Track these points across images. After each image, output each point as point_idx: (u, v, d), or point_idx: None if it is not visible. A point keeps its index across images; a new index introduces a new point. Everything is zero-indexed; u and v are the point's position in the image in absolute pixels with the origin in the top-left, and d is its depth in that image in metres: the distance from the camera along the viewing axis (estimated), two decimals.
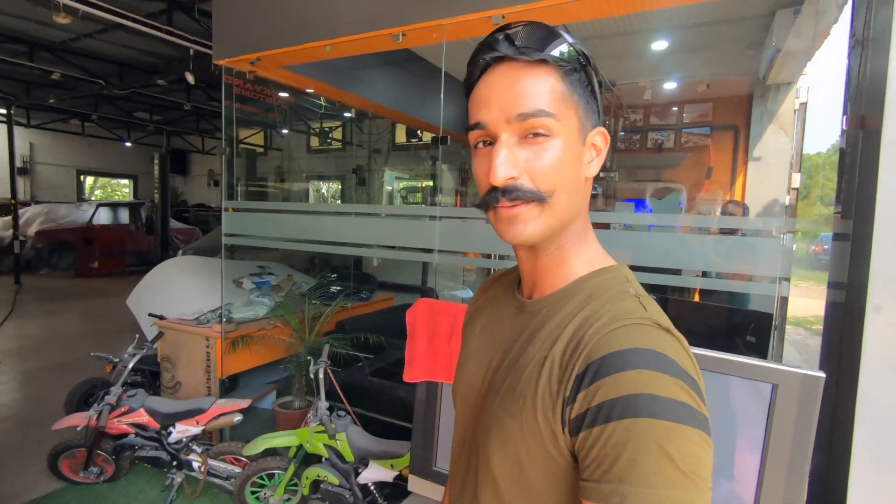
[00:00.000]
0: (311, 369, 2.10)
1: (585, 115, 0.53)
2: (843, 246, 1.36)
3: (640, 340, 0.47)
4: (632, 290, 0.54)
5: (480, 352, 0.64)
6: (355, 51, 2.24)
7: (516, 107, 0.50)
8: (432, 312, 1.49)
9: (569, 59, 0.52)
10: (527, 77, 0.51)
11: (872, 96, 1.22)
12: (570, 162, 0.52)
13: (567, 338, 0.51)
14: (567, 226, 0.55)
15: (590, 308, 0.52)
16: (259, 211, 3.06)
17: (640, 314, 0.50)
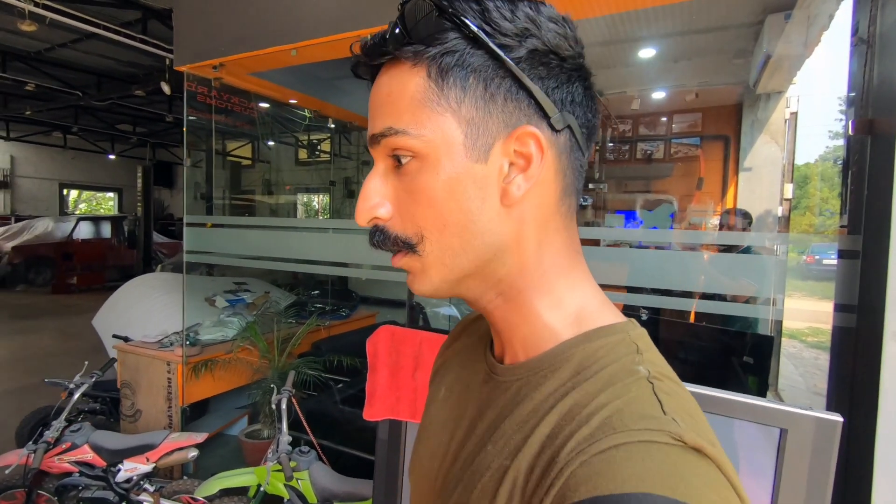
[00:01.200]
0: (273, 399, 1.92)
1: (485, 116, 0.37)
2: (851, 264, 1.22)
3: (650, 478, 0.28)
4: (642, 369, 0.36)
5: (441, 427, 0.48)
6: (323, 55, 2.11)
7: (370, 127, 0.39)
8: (394, 341, 1.33)
9: (429, 38, 0.36)
10: (385, 82, 0.38)
11: (883, 98, 1.09)
12: (449, 190, 0.37)
13: (539, 444, 0.35)
14: (493, 273, 0.40)
15: (577, 394, 0.35)
16: (227, 226, 2.90)
17: (654, 418, 0.32)
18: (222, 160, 7.84)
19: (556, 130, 0.38)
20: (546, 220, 0.40)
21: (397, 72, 0.38)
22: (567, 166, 0.40)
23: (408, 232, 0.39)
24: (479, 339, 0.51)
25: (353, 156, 7.45)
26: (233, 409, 3.14)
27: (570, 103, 0.39)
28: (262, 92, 3.14)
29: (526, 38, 0.36)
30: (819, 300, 3.95)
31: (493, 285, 0.41)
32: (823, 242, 2.32)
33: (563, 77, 0.38)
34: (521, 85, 0.37)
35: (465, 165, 0.37)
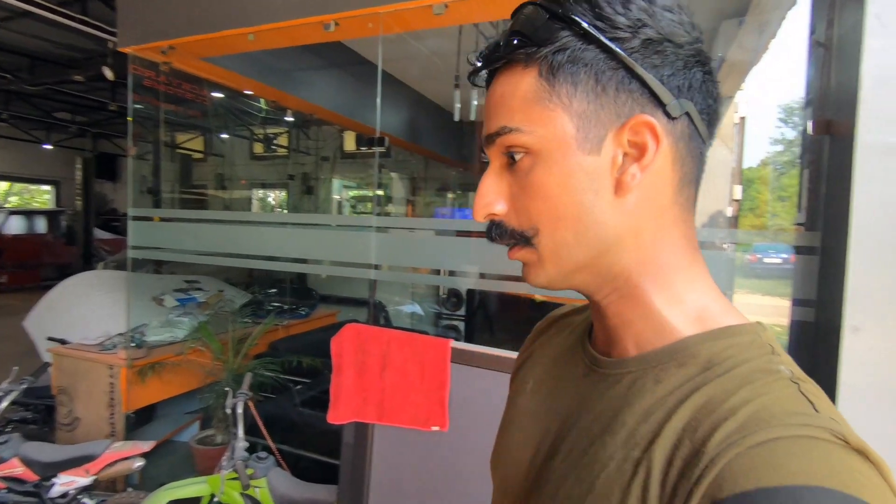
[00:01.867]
0: (229, 403, 1.81)
1: (596, 108, 0.37)
2: (809, 260, 1.26)
3: (821, 471, 0.27)
4: (784, 369, 0.34)
5: (531, 419, 0.47)
6: (283, 41, 2.00)
7: (486, 128, 0.40)
8: (361, 341, 1.27)
9: (541, 39, 0.37)
10: (499, 86, 0.40)
11: (841, 100, 1.13)
12: (562, 184, 0.38)
13: (675, 434, 0.33)
14: (609, 268, 0.39)
15: (710, 390, 0.34)
16: (177, 220, 2.73)
17: (808, 415, 0.30)
18: (172, 153, 7.47)
19: (673, 118, 0.37)
20: (663, 211, 0.39)
21: (510, 74, 0.39)
22: (686, 154, 0.39)
23: (523, 226, 0.39)
24: (572, 333, 0.50)
25: (311, 150, 7.25)
26: (183, 414, 2.97)
27: (688, 89, 0.38)
28: (215, 79, 2.97)
29: (639, 28, 0.36)
30: (763, 296, 4.15)
31: (610, 280, 0.40)
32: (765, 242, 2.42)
33: (680, 63, 0.37)
34: (633, 75, 0.36)
35: (578, 158, 0.37)
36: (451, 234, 2.06)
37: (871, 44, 1.01)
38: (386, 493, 1.24)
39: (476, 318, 4.81)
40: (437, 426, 1.18)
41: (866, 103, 1.01)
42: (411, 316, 4.45)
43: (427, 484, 1.22)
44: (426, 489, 1.23)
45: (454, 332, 4.31)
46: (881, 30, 1.01)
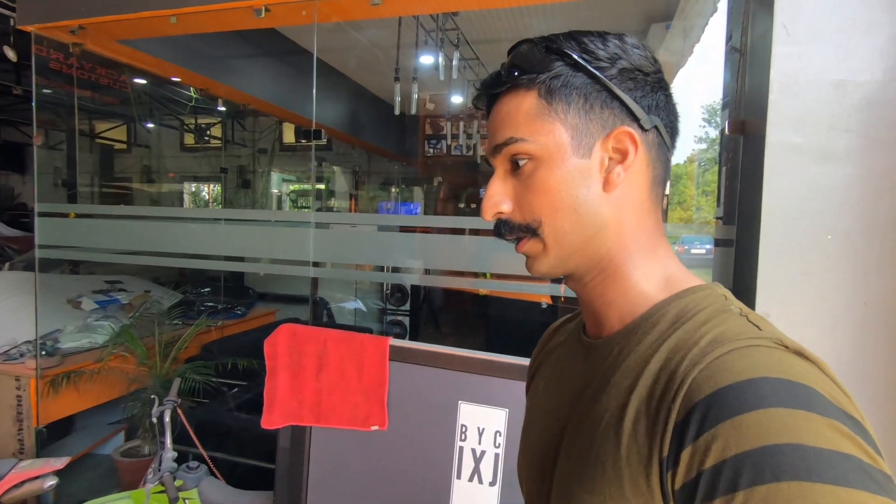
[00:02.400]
0: (155, 411, 1.69)
1: (586, 122, 0.46)
2: (726, 252, 1.35)
3: (763, 366, 0.35)
4: (734, 308, 0.43)
5: (544, 414, 0.55)
6: (209, 26, 1.89)
7: (492, 139, 0.49)
8: (296, 341, 1.22)
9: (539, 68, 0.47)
10: (503, 106, 0.49)
11: (753, 100, 1.21)
12: (560, 182, 0.46)
13: (653, 375, 0.41)
14: (597, 249, 0.48)
15: (679, 335, 0.42)
16: (96, 217, 2.52)
17: (754, 333, 0.39)
18: (91, 143, 6.88)
19: (645, 130, 0.47)
20: (640, 203, 0.48)
21: (513, 96, 0.48)
22: (656, 159, 0.48)
23: (527, 219, 0.47)
24: (570, 335, 0.58)
25: (248, 142, 6.93)
26: (105, 426, 2.76)
27: (655, 108, 0.47)
28: (137, 65, 2.76)
29: (616, 60, 0.46)
30: None
31: (597, 262, 0.48)
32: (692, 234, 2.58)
33: (648, 87, 0.47)
34: (614, 95, 0.46)
35: (573, 161, 0.46)
36: (395, 230, 2.03)
37: (779, 50, 1.09)
38: (324, 496, 1.21)
39: (421, 313, 4.81)
40: (377, 425, 1.17)
41: (774, 105, 1.09)
42: (354, 312, 4.37)
43: (367, 484, 1.20)
44: (366, 489, 1.21)
45: (398, 327, 4.29)
46: (787, 38, 1.09)
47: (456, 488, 1.09)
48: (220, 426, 2.19)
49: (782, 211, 1.09)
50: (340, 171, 7.17)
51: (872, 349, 1.05)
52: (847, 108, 1.05)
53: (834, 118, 1.06)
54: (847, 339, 1.06)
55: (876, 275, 1.04)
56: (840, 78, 1.06)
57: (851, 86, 1.06)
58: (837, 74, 1.06)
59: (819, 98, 1.07)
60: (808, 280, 1.07)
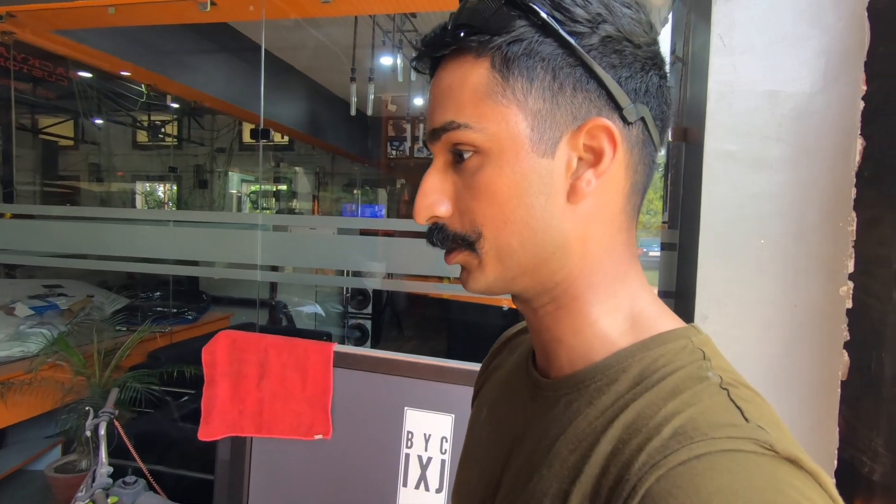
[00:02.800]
0: (89, 424, 1.60)
1: (552, 108, 0.35)
2: (670, 255, 1.38)
3: (741, 493, 0.25)
4: (713, 375, 0.32)
5: (485, 450, 0.45)
6: (151, 18, 1.80)
7: (429, 121, 0.37)
8: (236, 349, 1.18)
9: (494, 27, 0.34)
10: (445, 75, 0.37)
11: (694, 109, 1.25)
12: (512, 186, 0.35)
13: (601, 462, 0.31)
14: (551, 274, 0.37)
15: (639, 406, 0.32)
16: (35, 218, 2.37)
17: (735, 426, 0.28)
18: (34, 139, 6.50)
19: (629, 123, 0.36)
20: (612, 218, 0.38)
21: (459, 64, 0.36)
22: (638, 162, 0.38)
23: (466, 229, 0.37)
24: (521, 354, 0.48)
25: (205, 141, 6.71)
26: (41, 440, 2.59)
27: (644, 94, 0.36)
28: (79, 57, 2.62)
29: (599, 24, 0.34)
30: None
31: (549, 289, 0.38)
32: (648, 237, 2.67)
33: (637, 66, 0.36)
34: (591, 74, 0.34)
35: (531, 160, 0.35)
36: (355, 233, 1.99)
37: (716, 61, 1.13)
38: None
39: (384, 316, 4.76)
40: (321, 434, 1.13)
41: (712, 114, 1.12)
42: (315, 317, 4.28)
43: (311, 494, 1.16)
44: (310, 500, 1.17)
45: (359, 331, 4.23)
46: (723, 49, 1.13)
47: (402, 496, 1.07)
48: (164, 437, 2.09)
49: (719, 216, 1.12)
50: (303, 172, 7.04)
51: (801, 349, 1.09)
52: (778, 118, 1.10)
53: (766, 127, 1.10)
54: (779, 339, 1.10)
55: (804, 278, 1.09)
56: (772, 89, 1.11)
57: (782, 96, 1.10)
58: (769, 85, 1.11)
59: (752, 108, 1.11)
60: (743, 283, 1.11)
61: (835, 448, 1.06)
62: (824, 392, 1.07)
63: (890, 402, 0.92)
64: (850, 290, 1.05)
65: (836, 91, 1.06)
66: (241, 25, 2.92)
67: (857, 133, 1.04)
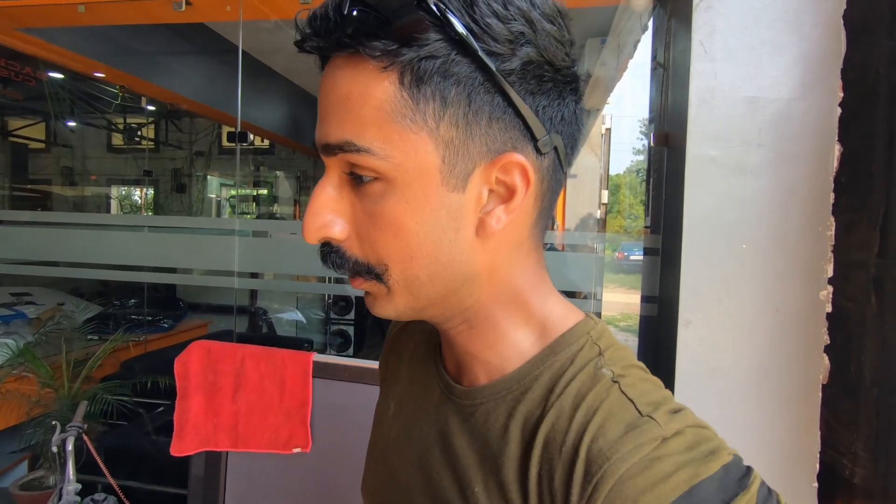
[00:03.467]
0: (55, 439, 1.53)
1: (466, 137, 0.32)
2: (653, 260, 1.38)
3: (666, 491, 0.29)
4: (606, 371, 0.35)
5: (395, 451, 0.46)
6: (123, 17, 1.75)
7: (321, 132, 0.33)
8: (211, 360, 1.14)
9: (404, 36, 0.29)
10: (341, 79, 0.32)
11: (675, 114, 1.25)
12: (419, 222, 0.33)
13: (535, 489, 0.33)
14: (460, 301, 0.37)
15: (552, 418, 0.34)
16: (4, 223, 2.28)
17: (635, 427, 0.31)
18: (0, 141, 6.29)
19: (542, 153, 0.34)
20: (519, 244, 0.37)
21: (359, 69, 0.31)
22: (547, 190, 0.37)
23: (369, 259, 0.35)
24: (426, 343, 0.48)
25: (184, 144, 6.58)
26: (5, 455, 2.48)
27: (560, 121, 0.35)
28: (49, 57, 2.53)
29: (520, 45, 0.31)
30: (627, 291, 4.59)
31: (460, 312, 0.38)
32: (630, 241, 2.68)
33: (555, 93, 0.34)
34: (509, 102, 0.31)
35: (440, 195, 0.32)
36: None
37: (697, 67, 1.13)
38: None
39: (367, 322, 4.70)
40: (300, 447, 1.10)
41: (693, 119, 1.13)
42: (295, 324, 4.21)
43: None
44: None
45: (341, 337, 4.17)
46: (704, 55, 1.14)
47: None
48: (136, 451, 2.02)
49: (702, 221, 1.12)
50: (284, 176, 6.95)
51: (783, 353, 1.10)
52: (759, 124, 1.11)
53: (747, 133, 1.11)
54: (762, 343, 1.10)
55: (786, 283, 1.09)
56: (752, 95, 1.12)
57: (763, 102, 1.11)
58: (750, 91, 1.12)
59: (733, 113, 1.12)
60: (726, 288, 1.11)
61: (817, 451, 1.07)
62: (805, 395, 1.08)
63: (869, 405, 0.92)
64: (829, 294, 1.06)
65: (814, 97, 1.07)
66: (217, 26, 2.87)
67: (835, 139, 1.05)
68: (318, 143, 0.34)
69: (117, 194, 7.20)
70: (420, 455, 0.42)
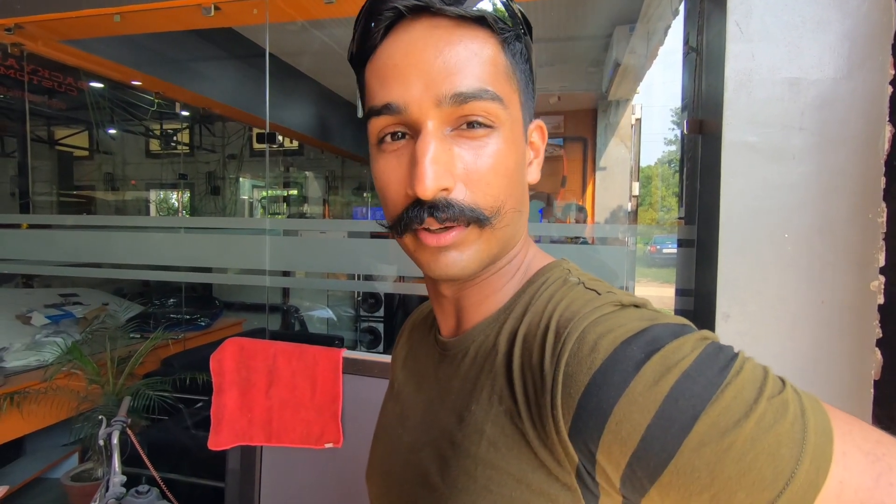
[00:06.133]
0: (102, 433, 1.59)
1: (527, 102, 0.41)
2: (688, 252, 1.34)
3: (616, 328, 0.34)
4: (572, 278, 0.42)
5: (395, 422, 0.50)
6: (155, 25, 1.80)
7: (451, 83, 0.35)
8: (244, 357, 1.16)
9: (512, 20, 0.38)
10: (462, 41, 0.35)
11: (710, 100, 1.20)
12: (517, 165, 0.39)
13: (519, 371, 0.37)
14: (509, 248, 0.43)
15: (529, 317, 0.40)
16: (50, 227, 2.39)
17: (594, 301, 0.37)
18: (50, 150, 6.61)
19: None
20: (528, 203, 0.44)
21: (474, 34, 0.36)
22: None
23: (484, 204, 0.37)
24: (426, 330, 0.52)
25: (217, 148, 6.76)
26: (58, 448, 2.61)
27: None
28: (88, 67, 2.64)
29: (530, 30, 0.40)
30: (661, 284, 4.48)
31: (498, 261, 0.43)
32: (663, 234, 2.61)
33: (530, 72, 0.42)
34: (533, 84, 0.42)
35: (521, 142, 0.40)
36: (365, 236, 1.97)
37: (733, 49, 1.08)
38: None
39: (396, 319, 4.74)
40: (331, 442, 1.11)
41: (730, 104, 1.08)
42: (327, 322, 4.28)
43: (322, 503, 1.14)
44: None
45: (371, 334, 4.21)
46: (741, 36, 1.08)
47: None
48: (177, 445, 2.09)
49: (739, 210, 1.07)
50: (313, 177, 7.07)
51: (830, 348, 1.04)
52: (800, 107, 1.05)
53: (788, 116, 1.05)
54: (806, 337, 1.05)
55: (832, 273, 1.03)
56: (793, 76, 1.06)
57: (804, 84, 1.05)
58: (790, 72, 1.06)
59: (773, 96, 1.06)
60: (766, 279, 1.06)
61: None
62: (856, 392, 1.02)
63: None
64: (881, 284, 1.00)
65: (861, 76, 1.01)
66: (245, 30, 2.93)
67: (886, 120, 0.99)
68: (445, 93, 0.35)
69: (155, 198, 7.47)
70: (422, 413, 0.46)
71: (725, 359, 0.31)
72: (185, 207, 7.29)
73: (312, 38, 3.07)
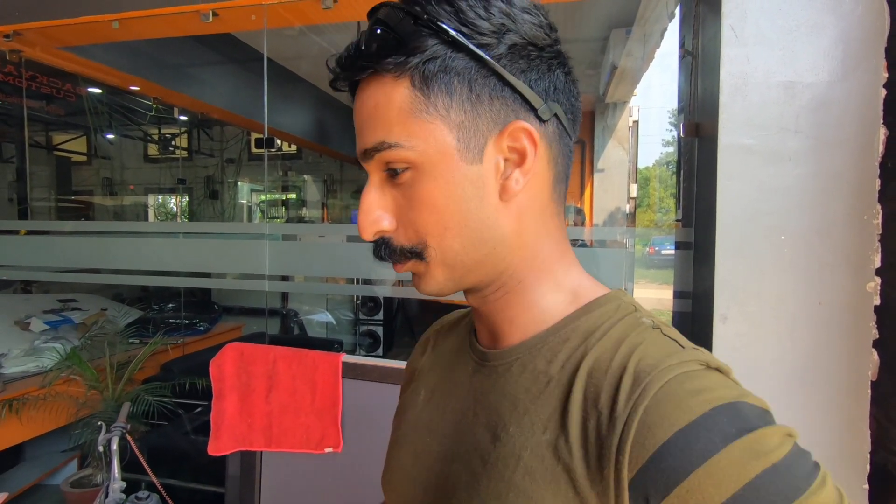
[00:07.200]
0: (101, 439, 1.59)
1: (474, 118, 0.38)
2: (685, 254, 1.34)
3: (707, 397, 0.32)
4: (647, 320, 0.40)
5: (425, 430, 0.48)
6: (154, 31, 1.81)
7: (361, 142, 0.40)
8: (244, 362, 1.16)
9: (408, 48, 0.36)
10: (372, 96, 0.39)
11: (706, 103, 1.21)
12: (447, 195, 0.38)
13: (580, 409, 0.36)
14: (494, 266, 0.41)
15: (596, 354, 0.38)
16: (49, 234, 2.39)
17: (678, 352, 0.35)
18: (48, 155, 6.60)
19: (544, 121, 0.40)
20: (543, 208, 0.42)
21: (380, 84, 0.38)
22: (558, 154, 0.42)
23: (412, 241, 0.40)
24: (458, 336, 0.51)
25: (215, 152, 6.77)
26: (57, 454, 2.60)
27: (554, 91, 0.40)
28: (86, 73, 2.64)
29: (504, 33, 0.37)
30: (659, 286, 4.49)
31: (496, 278, 0.42)
32: (661, 235, 2.62)
33: (544, 67, 0.39)
34: (504, 81, 0.38)
35: (461, 168, 0.38)
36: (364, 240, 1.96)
37: (728, 53, 1.09)
38: None
39: (395, 322, 4.73)
40: (331, 447, 1.11)
41: (725, 107, 1.09)
42: (326, 325, 4.27)
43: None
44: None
45: (370, 337, 4.21)
46: (735, 40, 1.09)
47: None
48: (176, 451, 2.08)
49: (736, 212, 1.08)
50: (311, 181, 7.07)
51: (828, 349, 1.04)
52: (796, 109, 1.06)
53: (783, 119, 1.06)
54: (805, 338, 1.06)
55: (829, 274, 1.04)
56: (788, 79, 1.07)
57: (799, 87, 1.06)
58: (785, 76, 1.07)
59: (768, 99, 1.07)
60: (764, 281, 1.07)
61: (867, 451, 1.02)
62: (854, 393, 1.03)
63: None
64: (877, 285, 1.01)
65: (856, 79, 1.02)
66: (243, 35, 2.94)
67: (880, 122, 1.00)
68: (359, 152, 0.40)
69: (154, 203, 7.46)
70: (455, 423, 0.44)
71: (811, 465, 0.31)
72: (183, 212, 7.28)
73: (311, 43, 3.08)
